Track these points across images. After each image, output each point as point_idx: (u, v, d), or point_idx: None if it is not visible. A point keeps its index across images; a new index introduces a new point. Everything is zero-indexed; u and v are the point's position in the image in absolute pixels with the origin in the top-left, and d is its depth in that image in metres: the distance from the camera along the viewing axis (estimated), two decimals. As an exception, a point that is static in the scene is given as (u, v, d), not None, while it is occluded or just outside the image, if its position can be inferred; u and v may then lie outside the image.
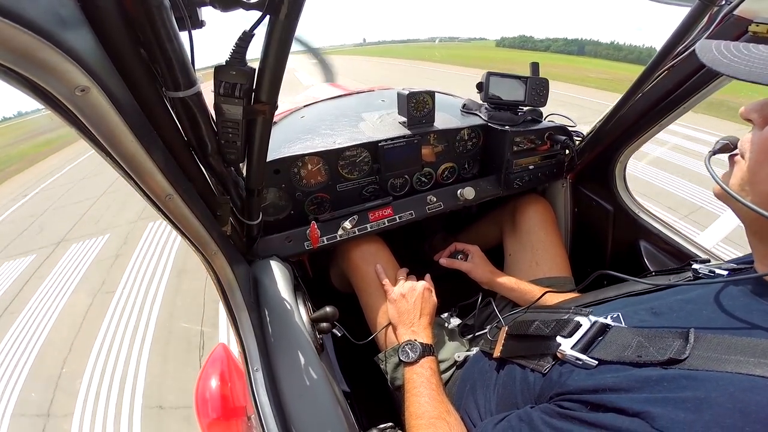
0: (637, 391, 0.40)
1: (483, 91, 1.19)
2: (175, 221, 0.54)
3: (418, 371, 0.78)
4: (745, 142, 0.46)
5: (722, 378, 0.36)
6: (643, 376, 0.41)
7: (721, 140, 0.51)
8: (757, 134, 0.44)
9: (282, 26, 0.47)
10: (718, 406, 0.34)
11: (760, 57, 0.42)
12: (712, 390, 0.35)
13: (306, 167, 1.02)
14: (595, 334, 0.52)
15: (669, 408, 0.36)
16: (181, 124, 0.53)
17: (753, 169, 0.43)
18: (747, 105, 0.46)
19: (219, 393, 0.95)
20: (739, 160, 0.46)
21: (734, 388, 0.35)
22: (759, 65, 0.42)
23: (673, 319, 0.49)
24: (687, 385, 0.37)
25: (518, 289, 1.01)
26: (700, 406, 0.35)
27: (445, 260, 1.14)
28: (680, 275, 0.66)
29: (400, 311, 0.93)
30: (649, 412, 0.36)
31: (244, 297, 0.75)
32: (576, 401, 0.44)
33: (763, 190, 0.42)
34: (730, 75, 0.43)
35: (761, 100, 0.45)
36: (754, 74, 0.41)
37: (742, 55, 0.44)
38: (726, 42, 0.47)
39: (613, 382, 0.43)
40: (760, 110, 0.44)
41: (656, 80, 0.92)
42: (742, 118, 0.46)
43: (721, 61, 0.45)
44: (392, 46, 60.14)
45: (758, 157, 0.42)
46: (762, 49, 0.44)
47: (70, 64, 0.30)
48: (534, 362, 0.57)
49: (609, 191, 1.22)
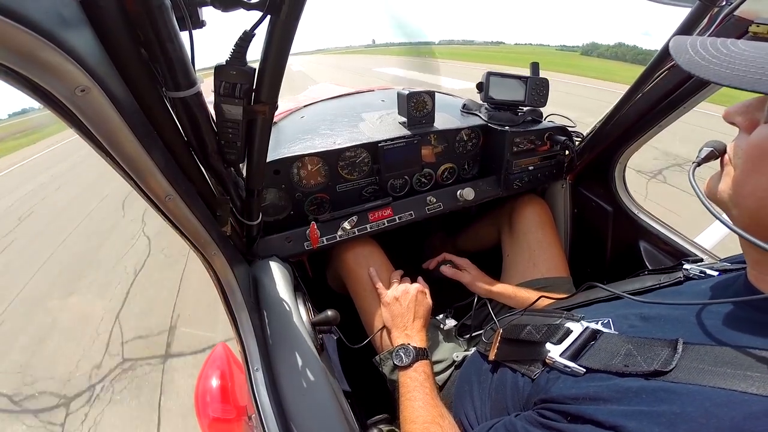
0: (616, 402, 0.39)
1: (483, 91, 1.19)
2: (175, 222, 0.54)
3: (411, 375, 0.78)
4: (732, 147, 0.42)
5: (699, 392, 0.35)
6: (625, 387, 0.40)
7: (706, 147, 0.47)
8: (743, 140, 0.40)
9: (283, 26, 0.47)
10: (693, 421, 0.33)
11: (742, 56, 0.37)
12: (688, 404, 0.35)
13: (306, 168, 1.02)
14: (586, 340, 0.51)
15: (644, 422, 0.35)
16: (181, 124, 0.52)
17: (739, 180, 0.40)
18: (729, 107, 0.42)
19: (219, 393, 0.95)
20: (727, 164, 0.43)
21: (710, 403, 0.34)
22: (741, 66, 0.37)
23: (662, 326, 0.48)
24: (665, 398, 0.37)
25: (516, 297, 1.01)
26: (675, 421, 0.34)
27: (449, 270, 1.11)
28: (671, 275, 0.65)
29: (394, 315, 0.92)
30: (624, 426, 0.36)
31: (244, 297, 0.75)
32: (556, 411, 0.44)
33: (749, 205, 0.38)
34: (710, 80, 0.38)
35: (745, 101, 0.41)
36: (737, 78, 0.36)
37: (722, 55, 0.39)
38: (702, 38, 0.42)
39: (594, 392, 0.42)
40: (745, 113, 0.40)
41: (656, 81, 0.92)
42: (726, 122, 0.42)
43: (699, 63, 0.40)
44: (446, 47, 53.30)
45: (744, 167, 0.39)
46: (742, 46, 0.39)
47: (71, 64, 0.30)
48: (525, 367, 0.57)
49: (609, 192, 1.22)
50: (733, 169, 0.41)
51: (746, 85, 0.35)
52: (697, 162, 0.48)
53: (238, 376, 0.99)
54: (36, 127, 16.49)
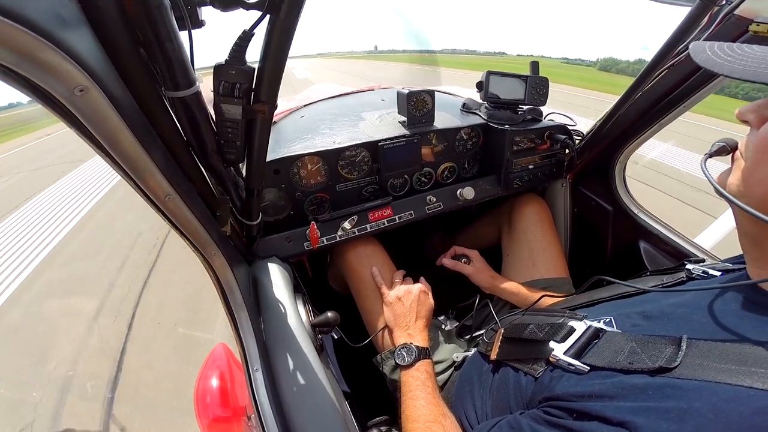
0: (622, 399, 0.40)
1: (483, 90, 1.19)
2: (175, 221, 0.54)
3: (414, 374, 0.78)
4: (744, 143, 0.45)
5: (706, 388, 0.36)
6: (630, 383, 0.41)
7: (718, 142, 0.50)
8: (753, 135, 0.43)
9: (282, 26, 0.47)
10: (701, 416, 0.34)
11: (754, 56, 0.42)
12: (696, 400, 0.35)
13: (306, 167, 1.02)
14: (589, 338, 0.52)
15: (652, 418, 0.36)
16: (181, 124, 0.52)
17: (749, 170, 0.42)
18: (742, 106, 0.45)
19: (219, 393, 0.95)
20: (738, 159, 0.46)
21: (717, 399, 0.34)
22: (753, 63, 0.41)
23: (665, 324, 0.49)
24: (671, 395, 0.37)
25: (519, 293, 1.01)
26: (683, 417, 0.34)
27: (449, 261, 1.13)
28: (674, 275, 0.66)
29: (396, 314, 0.93)
30: (633, 422, 0.36)
31: (244, 297, 0.75)
32: (563, 408, 0.44)
33: (758, 192, 0.41)
34: (724, 74, 0.43)
35: (758, 101, 0.44)
36: (748, 72, 0.41)
37: (736, 55, 0.44)
38: (720, 42, 0.47)
39: (599, 389, 0.43)
40: (756, 110, 0.43)
41: (656, 79, 0.92)
42: (739, 120, 0.46)
43: (715, 60, 0.44)
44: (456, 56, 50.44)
45: (755, 158, 0.42)
46: (756, 48, 0.44)
47: (70, 64, 0.30)
48: (528, 366, 0.57)
49: (609, 191, 1.22)
50: (743, 162, 0.44)
51: (758, 78, 0.40)
52: (709, 154, 0.51)
53: (238, 376, 0.99)
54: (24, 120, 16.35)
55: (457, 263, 1.12)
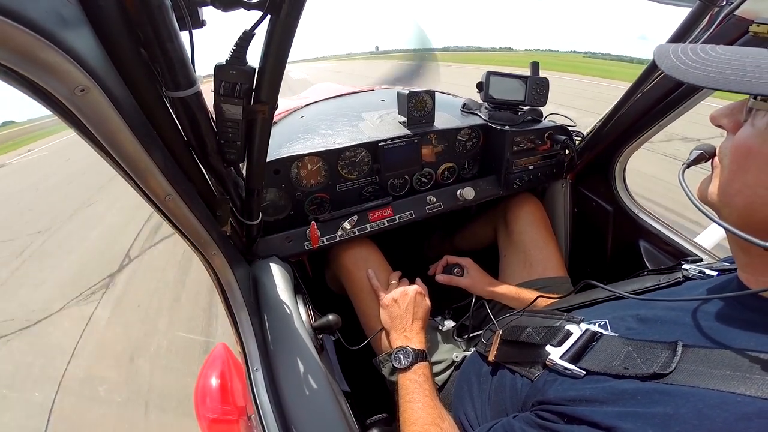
0: (612, 404, 0.40)
1: (483, 91, 1.19)
2: (175, 221, 0.54)
3: (411, 377, 0.78)
4: (720, 150, 0.44)
5: (694, 394, 0.36)
6: (620, 389, 0.41)
7: (696, 150, 0.48)
8: (729, 140, 0.41)
9: (283, 26, 0.47)
10: (686, 422, 0.34)
11: (719, 60, 0.40)
12: (682, 406, 0.35)
13: (306, 167, 1.02)
14: (585, 342, 0.52)
15: (639, 423, 0.36)
16: (181, 124, 0.52)
17: (727, 179, 0.41)
18: (715, 110, 0.43)
19: (219, 393, 0.94)
20: (717, 166, 0.44)
21: (703, 405, 0.34)
22: (717, 68, 0.39)
23: (658, 327, 0.48)
24: (659, 400, 0.37)
25: (518, 298, 1.00)
26: (668, 422, 0.34)
27: (443, 277, 1.10)
28: (670, 276, 0.65)
29: (393, 316, 0.92)
30: (620, 427, 0.36)
31: (244, 297, 0.75)
32: (554, 412, 0.44)
33: (739, 202, 0.40)
34: (689, 82, 0.40)
35: (730, 104, 0.42)
36: (713, 80, 0.38)
37: (700, 59, 0.41)
38: (684, 45, 0.45)
39: (590, 394, 0.42)
40: (730, 114, 0.42)
41: (656, 80, 0.92)
42: (713, 125, 0.44)
43: (679, 67, 0.42)
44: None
45: (731, 167, 0.40)
46: (719, 50, 0.42)
47: (71, 64, 0.30)
48: (525, 369, 0.57)
49: (609, 191, 1.22)
50: (721, 170, 0.42)
51: (721, 86, 0.37)
52: (687, 164, 0.49)
53: (238, 376, 0.99)
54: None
55: (452, 278, 1.09)
